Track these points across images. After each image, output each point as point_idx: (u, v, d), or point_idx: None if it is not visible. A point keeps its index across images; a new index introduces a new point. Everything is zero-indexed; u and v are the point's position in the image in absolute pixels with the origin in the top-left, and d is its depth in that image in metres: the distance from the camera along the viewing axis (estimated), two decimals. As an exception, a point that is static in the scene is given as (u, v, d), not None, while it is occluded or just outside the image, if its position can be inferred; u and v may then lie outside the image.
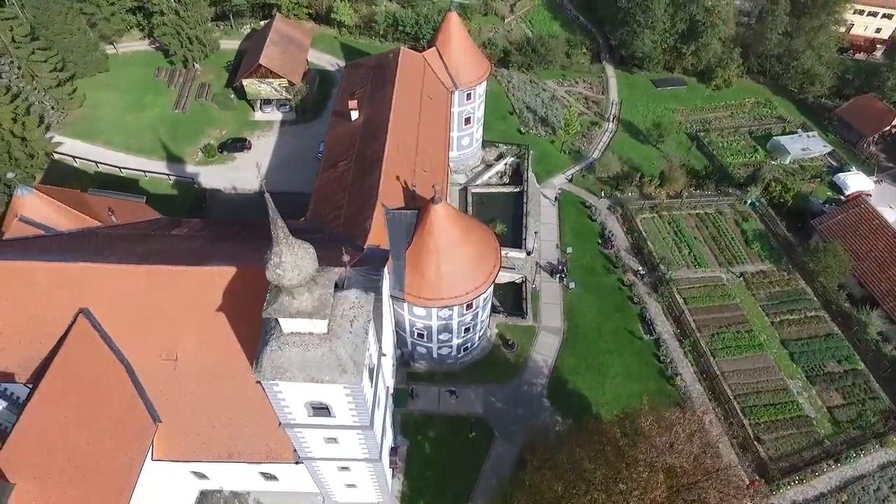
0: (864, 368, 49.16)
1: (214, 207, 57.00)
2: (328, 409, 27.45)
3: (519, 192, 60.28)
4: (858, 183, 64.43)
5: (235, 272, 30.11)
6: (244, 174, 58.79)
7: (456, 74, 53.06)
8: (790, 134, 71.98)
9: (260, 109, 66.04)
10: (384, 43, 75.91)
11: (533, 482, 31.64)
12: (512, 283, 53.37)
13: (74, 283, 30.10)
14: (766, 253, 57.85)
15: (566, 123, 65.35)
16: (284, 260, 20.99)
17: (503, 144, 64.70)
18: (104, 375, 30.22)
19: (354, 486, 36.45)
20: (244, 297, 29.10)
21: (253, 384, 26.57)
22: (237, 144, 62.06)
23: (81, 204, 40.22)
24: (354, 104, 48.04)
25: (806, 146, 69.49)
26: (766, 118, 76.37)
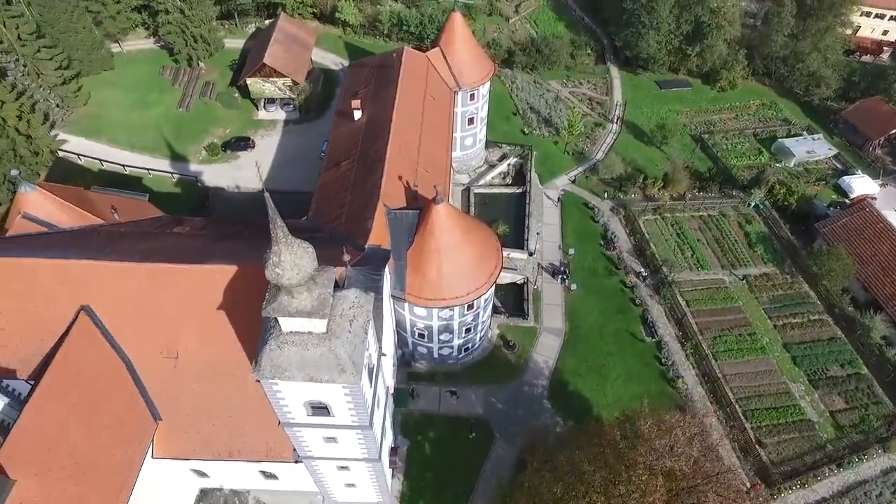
0: (867, 373, 48.90)
1: (217, 206, 57.10)
2: (327, 408, 27.46)
3: (522, 192, 60.23)
4: (863, 186, 64.14)
5: (236, 271, 30.13)
6: (247, 173, 58.89)
7: (459, 74, 53.04)
8: (795, 136, 71.70)
9: (264, 108, 66.16)
10: (388, 42, 75.95)
11: (532, 484, 31.60)
12: (514, 283, 53.30)
13: (76, 280, 30.19)
14: (769, 256, 57.61)
15: (570, 124, 65.34)
16: (283, 259, 21.01)
17: (506, 145, 64.69)
18: (105, 373, 30.31)
19: (354, 485, 36.46)
20: (245, 295, 29.10)
21: (253, 383, 26.60)
22: (241, 143, 62.19)
23: (84, 201, 40.36)
24: (357, 104, 48.14)
25: (811, 149, 69.18)
26: (771, 120, 76.10)
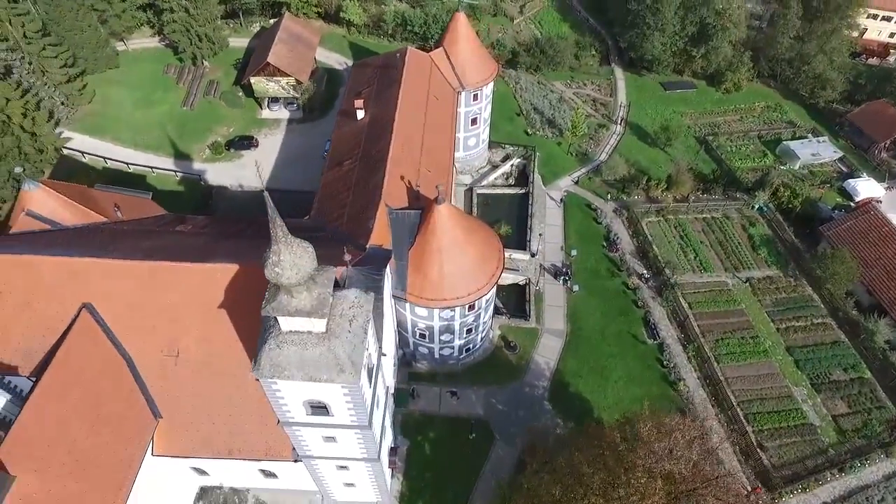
0: (870, 377, 48.67)
1: (220, 204, 57.25)
2: (326, 408, 27.48)
3: (524, 193, 60.14)
4: (869, 189, 63.82)
5: (238, 270, 30.23)
6: (250, 172, 59.02)
7: (463, 75, 53.00)
8: (800, 139, 71.43)
9: (267, 107, 66.26)
10: (392, 42, 75.94)
11: (531, 485, 31.53)
12: (515, 284, 53.23)
13: (79, 277, 30.34)
14: (772, 259, 57.38)
15: (573, 125, 65.21)
16: (283, 259, 21.02)
17: (510, 145, 64.61)
18: (106, 370, 30.41)
19: (353, 485, 36.47)
20: (246, 294, 29.16)
21: (253, 381, 26.67)
22: (244, 142, 62.32)
23: (88, 199, 40.55)
24: (360, 103, 48.15)
25: (816, 151, 68.90)
26: (776, 122, 75.78)
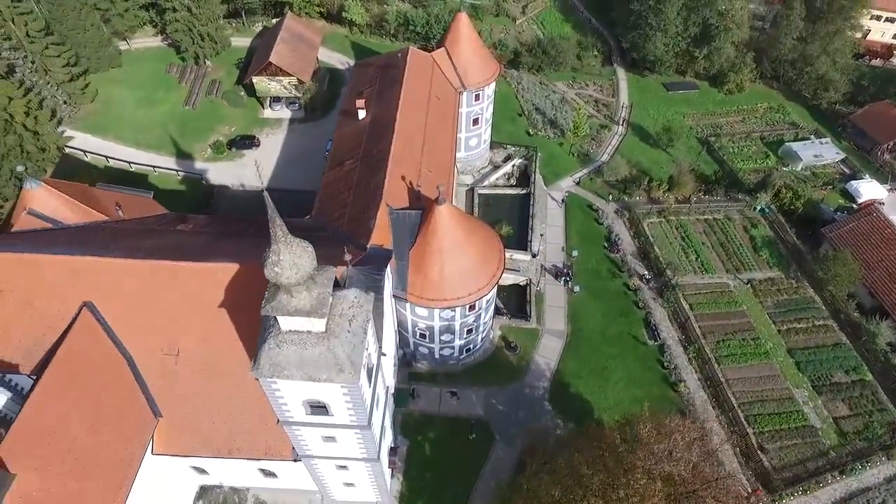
0: (872, 379, 48.49)
1: (222, 204, 57.38)
2: (326, 407, 27.49)
3: (526, 193, 60.10)
4: (871, 191, 63.60)
5: (238, 269, 30.25)
6: (252, 171, 59.03)
7: (464, 75, 52.99)
8: (803, 140, 71.21)
9: (269, 107, 66.36)
10: (395, 42, 76.00)
11: (531, 486, 31.50)
12: (516, 285, 53.19)
13: (79, 276, 30.39)
14: (774, 260, 57.24)
15: (575, 126, 65.16)
16: (282, 258, 21.03)
17: (511, 146, 64.57)
18: (106, 369, 30.47)
19: (353, 484, 36.48)
20: (246, 293, 29.15)
21: (253, 381, 26.67)
22: (246, 142, 62.43)
23: (89, 198, 40.59)
24: (362, 103, 48.19)
25: (818, 153, 68.70)
26: (778, 124, 75.57)
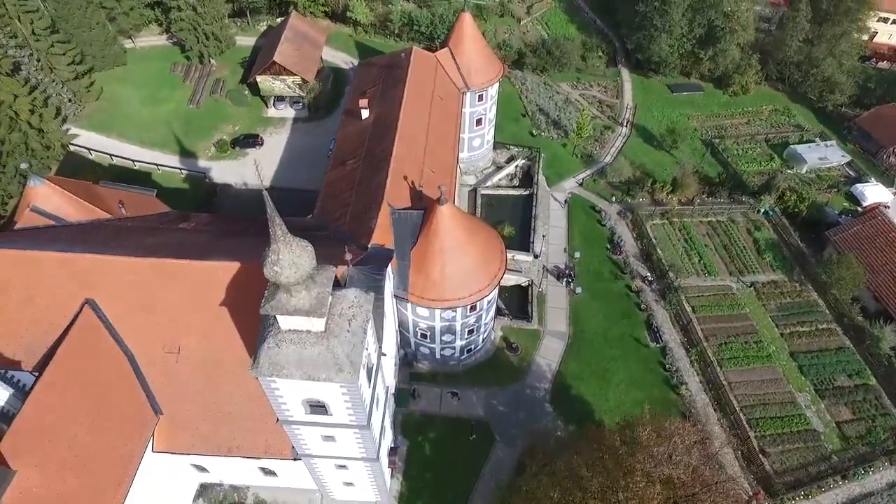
0: (875, 384, 48.21)
1: (225, 202, 57.49)
2: (325, 407, 27.50)
3: (529, 194, 59.97)
4: (876, 194, 63.31)
5: (239, 267, 30.31)
6: (260, 169, 59.13)
7: (468, 75, 52.93)
8: (808, 143, 70.89)
9: (273, 106, 66.46)
10: (399, 42, 76.01)
11: (530, 488, 31.41)
12: (518, 286, 53.11)
13: (81, 273, 30.51)
14: (777, 263, 56.97)
15: (579, 127, 65.04)
16: (282, 258, 21.06)
17: (514, 146, 64.45)
18: (107, 366, 30.57)
19: (352, 484, 36.49)
20: (247, 292, 29.16)
21: (253, 380, 26.67)
22: (249, 140, 62.54)
23: (93, 196, 40.71)
24: (365, 103, 48.21)
25: (824, 155, 68.37)
26: (783, 126, 75.27)
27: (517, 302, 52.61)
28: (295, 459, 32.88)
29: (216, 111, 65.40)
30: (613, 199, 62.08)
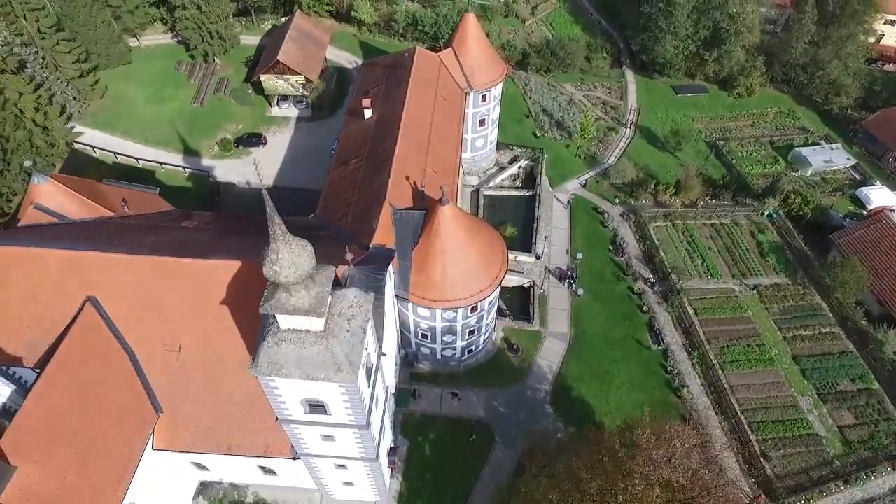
0: (878, 388, 47.91)
1: (228, 201, 57.64)
2: (324, 406, 27.51)
3: (531, 195, 59.88)
4: (882, 198, 62.86)
5: (240, 266, 30.34)
6: (259, 169, 59.29)
7: (471, 75, 52.90)
8: (813, 145, 70.50)
9: (277, 105, 66.60)
10: (403, 42, 76.03)
11: (529, 489, 31.36)
12: (520, 286, 53.03)
13: (83, 271, 30.61)
14: (781, 266, 56.70)
15: (582, 128, 64.90)
16: (281, 257, 21.07)
17: (517, 147, 64.35)
18: (108, 364, 30.64)
19: (352, 484, 36.51)
20: (248, 291, 29.17)
21: (253, 378, 26.68)
22: (253, 139, 62.71)
23: (96, 193, 40.81)
24: (368, 103, 48.28)
25: (829, 158, 68.01)
26: (788, 128, 74.89)
27: (519, 303, 52.55)
28: (294, 459, 32.89)
29: (220, 110, 65.59)
30: (616, 200, 61.93)
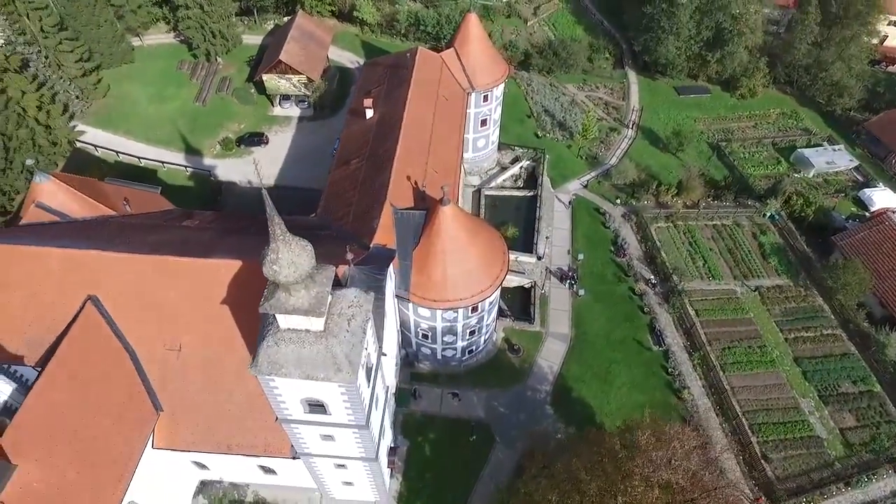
0: (880, 390, 47.76)
1: (229, 200, 57.68)
2: (324, 406, 27.52)
3: (533, 196, 59.84)
4: (885, 199, 62.71)
5: (241, 266, 30.37)
6: (260, 168, 59.34)
7: (473, 76, 52.90)
8: (815, 146, 70.32)
9: (279, 105, 66.64)
10: (405, 42, 76.04)
11: (528, 490, 31.33)
12: (521, 287, 52.99)
13: (84, 269, 30.68)
14: (783, 268, 56.57)
15: (584, 128, 64.84)
16: (281, 257, 21.08)
17: (519, 147, 64.32)
18: (108, 362, 30.68)
19: (352, 483, 36.51)
20: (248, 290, 29.21)
21: (253, 378, 26.71)
22: (255, 139, 62.73)
23: (98, 192, 40.89)
24: (369, 102, 48.27)
25: (831, 159, 67.81)
26: (790, 129, 74.72)
27: (519, 303, 52.51)
28: (294, 458, 32.92)
29: (222, 109, 65.65)
30: (618, 201, 61.86)
